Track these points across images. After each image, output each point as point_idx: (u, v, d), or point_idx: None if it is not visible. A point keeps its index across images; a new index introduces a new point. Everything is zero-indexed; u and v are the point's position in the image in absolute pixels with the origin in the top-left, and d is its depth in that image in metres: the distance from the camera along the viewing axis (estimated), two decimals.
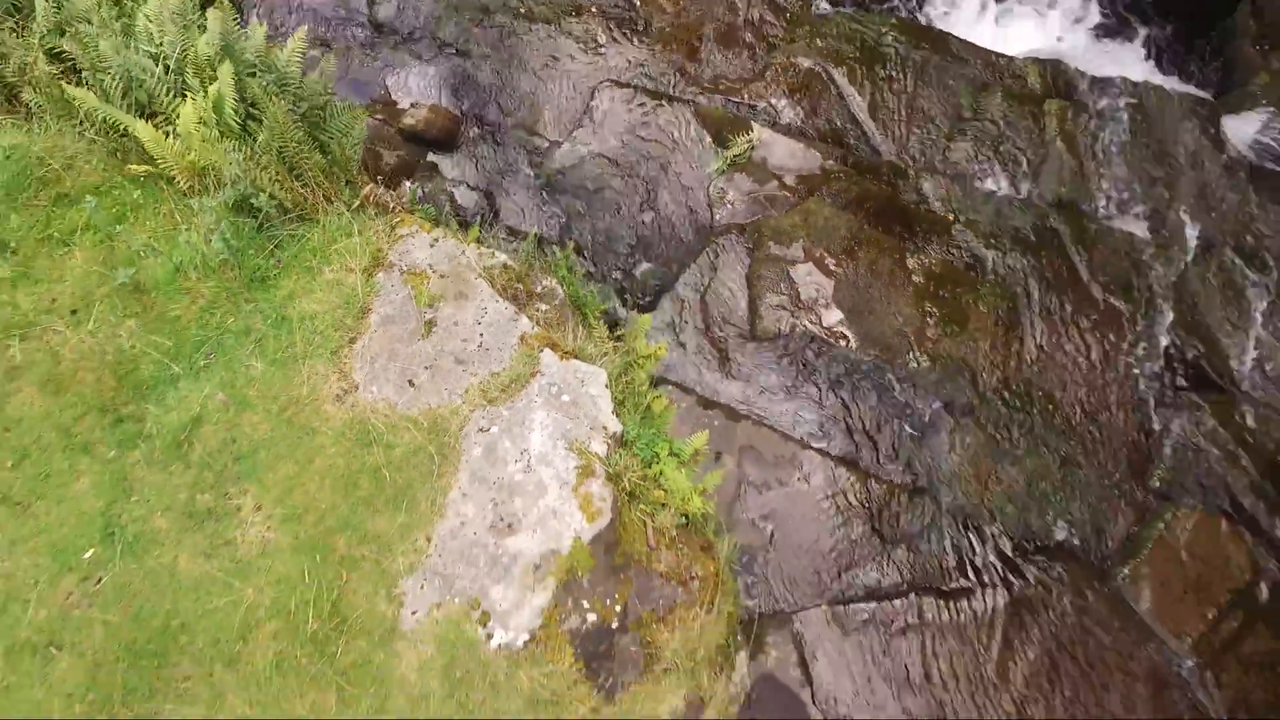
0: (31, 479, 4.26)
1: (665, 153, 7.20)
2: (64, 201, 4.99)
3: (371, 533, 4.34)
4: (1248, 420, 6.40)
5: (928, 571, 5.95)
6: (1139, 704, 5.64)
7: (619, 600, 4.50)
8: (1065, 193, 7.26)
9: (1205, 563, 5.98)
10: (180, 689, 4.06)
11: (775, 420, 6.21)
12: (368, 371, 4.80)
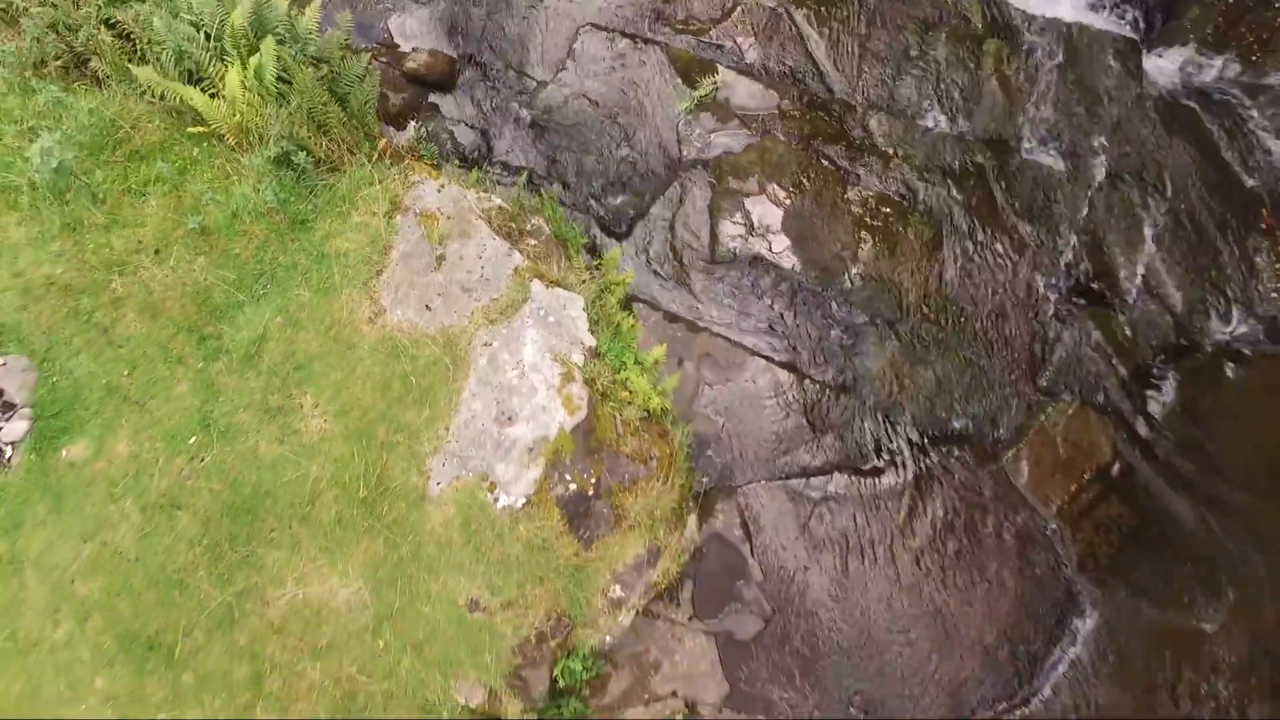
0: (143, 384, 5.69)
1: (640, 94, 8.28)
2: (136, 158, 6.20)
3: (403, 423, 5.81)
4: (1125, 331, 7.79)
5: (850, 454, 7.48)
6: (1010, 556, 7.29)
7: (594, 474, 6.02)
8: (994, 129, 8.37)
9: (1075, 446, 7.51)
10: (268, 538, 5.63)
11: (729, 331, 7.60)
12: (393, 298, 6.15)
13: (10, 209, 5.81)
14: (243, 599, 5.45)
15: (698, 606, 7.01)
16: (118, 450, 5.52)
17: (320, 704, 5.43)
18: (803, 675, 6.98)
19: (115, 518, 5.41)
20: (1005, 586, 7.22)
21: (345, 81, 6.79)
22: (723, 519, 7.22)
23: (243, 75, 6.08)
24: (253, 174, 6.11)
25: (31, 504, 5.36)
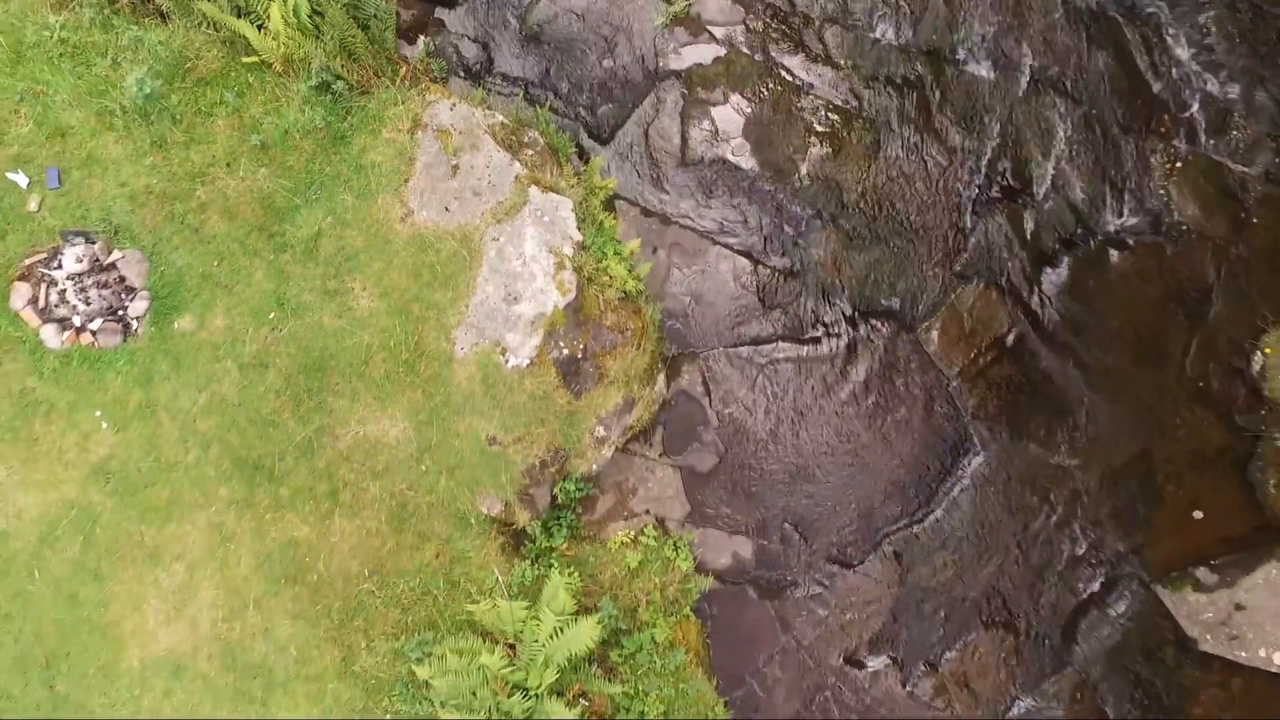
0: (229, 271, 7.52)
1: (621, 8, 9.61)
2: (202, 84, 7.75)
3: (433, 302, 7.67)
4: (1031, 223, 9.52)
5: (793, 327, 9.40)
6: (918, 407, 9.34)
7: (581, 342, 7.95)
8: (935, 40, 9.76)
9: (978, 320, 9.41)
10: (334, 389, 7.62)
11: (695, 224, 9.34)
12: (419, 201, 7.87)
13: (108, 129, 7.43)
14: (319, 434, 7.50)
15: (666, 446, 9.15)
16: (216, 323, 7.42)
17: (381, 511, 7.60)
18: (747, 499, 9.21)
19: (219, 374, 7.38)
20: (912, 431, 9.33)
21: (366, 8, 8.19)
22: (687, 378, 9.23)
23: (283, 10, 7.52)
24: (298, 98, 7.68)
25: (156, 364, 7.31)
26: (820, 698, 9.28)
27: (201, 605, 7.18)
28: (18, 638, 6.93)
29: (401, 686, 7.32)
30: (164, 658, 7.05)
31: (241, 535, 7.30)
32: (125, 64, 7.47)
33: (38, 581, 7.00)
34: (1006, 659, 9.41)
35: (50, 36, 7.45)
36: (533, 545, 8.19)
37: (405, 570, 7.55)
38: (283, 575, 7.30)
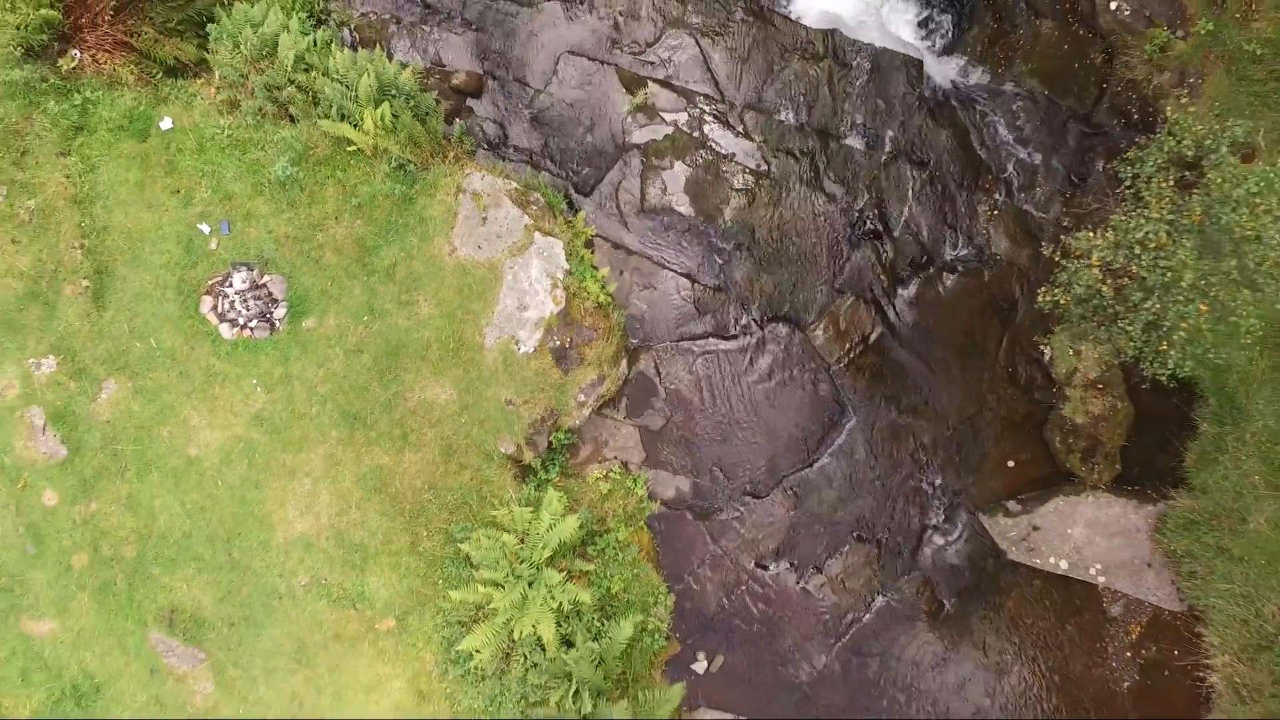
0: (337, 289, 12.28)
1: (599, 99, 14.42)
2: (319, 164, 12.52)
3: (471, 310, 12.44)
4: (889, 254, 14.31)
5: (720, 327, 14.17)
6: (807, 385, 14.11)
7: (568, 336, 12.72)
8: (823, 122, 14.57)
9: (851, 323, 14.20)
10: (405, 367, 12.39)
11: (650, 254, 14.12)
12: (460, 242, 12.64)
13: (259, 195, 12.20)
14: (394, 396, 12.25)
15: (628, 410, 13.92)
16: (329, 323, 12.18)
17: (435, 448, 12.33)
18: (686, 449, 13.97)
19: (331, 356, 12.13)
20: (804, 402, 14.12)
21: (423, 108, 12.98)
22: (644, 363, 14.02)
23: (373, 116, 12.29)
24: (382, 174, 12.44)
25: (291, 349, 12.06)
26: (737, 590, 14.06)
27: (321, 506, 11.92)
28: (209, 523, 11.67)
29: (450, 561, 12.05)
30: (299, 538, 11.79)
31: (346, 461, 12.04)
32: (271, 151, 12.22)
33: (220, 488, 11.73)
34: (871, 565, 14.19)
35: (222, 133, 12.20)
36: (535, 476, 12.95)
37: (451, 487, 12.30)
38: (372, 488, 12.04)
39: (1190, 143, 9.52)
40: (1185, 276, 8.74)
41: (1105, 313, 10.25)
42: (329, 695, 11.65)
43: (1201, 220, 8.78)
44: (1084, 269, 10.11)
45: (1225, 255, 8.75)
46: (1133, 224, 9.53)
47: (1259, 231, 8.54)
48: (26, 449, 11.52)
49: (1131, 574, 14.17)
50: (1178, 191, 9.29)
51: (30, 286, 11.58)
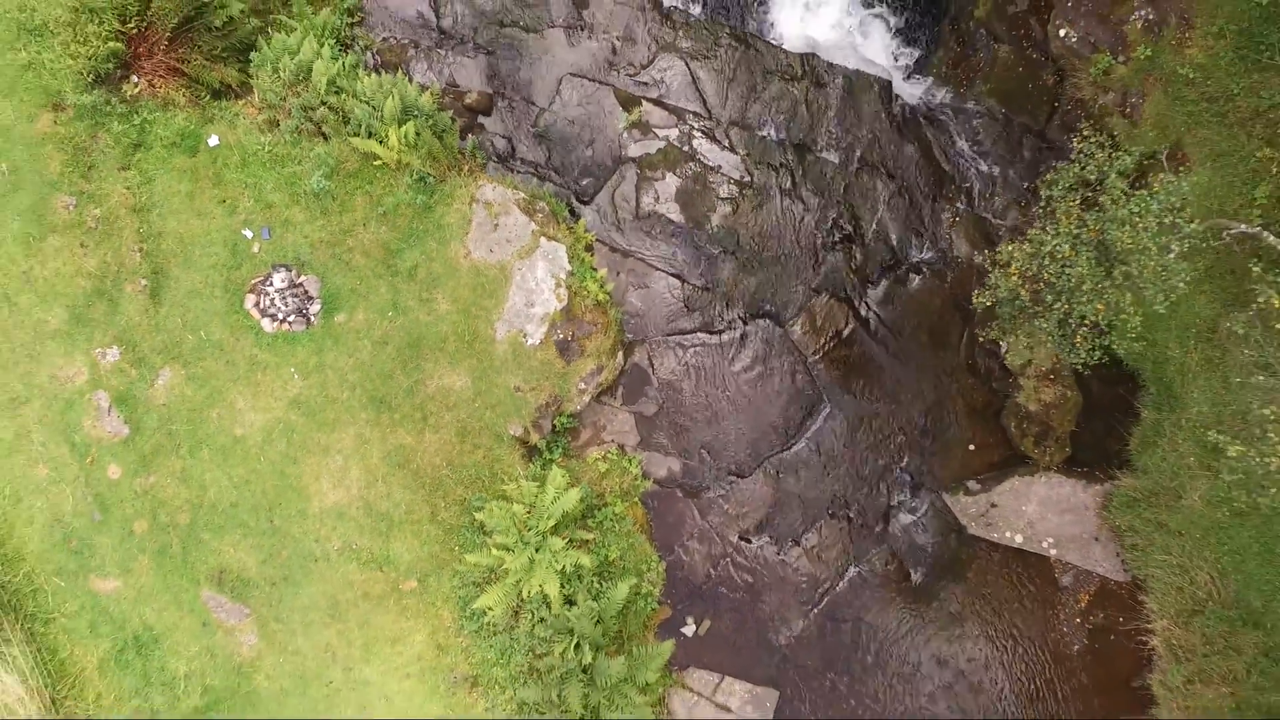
0: (365, 288, 14.16)
1: (598, 116, 16.30)
2: (349, 176, 14.39)
3: (484, 306, 14.33)
4: (860, 257, 16.19)
5: (707, 323, 16.05)
6: (786, 376, 15.98)
7: (570, 331, 14.60)
8: (801, 137, 16.46)
9: (826, 319, 16.07)
10: (426, 357, 14.28)
11: (644, 256, 16.00)
12: (474, 246, 14.53)
13: (296, 204, 14.07)
14: (416, 383, 14.12)
15: (624, 398, 15.78)
16: (358, 318, 14.05)
17: (452, 429, 14.18)
18: (676, 433, 15.84)
19: (360, 347, 14.00)
20: (783, 391, 15.98)
21: (440, 126, 14.86)
22: (638, 355, 15.89)
23: (397, 134, 14.16)
24: (405, 185, 14.31)
25: (325, 341, 13.93)
26: (723, 561, 15.90)
27: (352, 479, 13.77)
28: (253, 494, 13.53)
29: (465, 529, 13.91)
30: (332, 507, 13.65)
31: (373, 440, 13.90)
32: (306, 165, 14.10)
33: (262, 463, 13.59)
34: (844, 539, 16.03)
35: (263, 149, 14.08)
36: (541, 455, 14.81)
37: (466, 464, 14.16)
38: (397, 464, 13.90)
39: (1093, 168, 11.37)
40: (1085, 283, 10.60)
41: (1026, 312, 12.11)
42: (358, 646, 13.50)
43: (1097, 235, 10.61)
44: (1006, 276, 11.99)
45: (1115, 265, 10.60)
46: (1044, 238, 11.39)
47: (1139, 245, 10.39)
48: (94, 428, 13.38)
49: (1080, 547, 16.03)
50: (1083, 209, 11.14)
51: (96, 285, 13.45)
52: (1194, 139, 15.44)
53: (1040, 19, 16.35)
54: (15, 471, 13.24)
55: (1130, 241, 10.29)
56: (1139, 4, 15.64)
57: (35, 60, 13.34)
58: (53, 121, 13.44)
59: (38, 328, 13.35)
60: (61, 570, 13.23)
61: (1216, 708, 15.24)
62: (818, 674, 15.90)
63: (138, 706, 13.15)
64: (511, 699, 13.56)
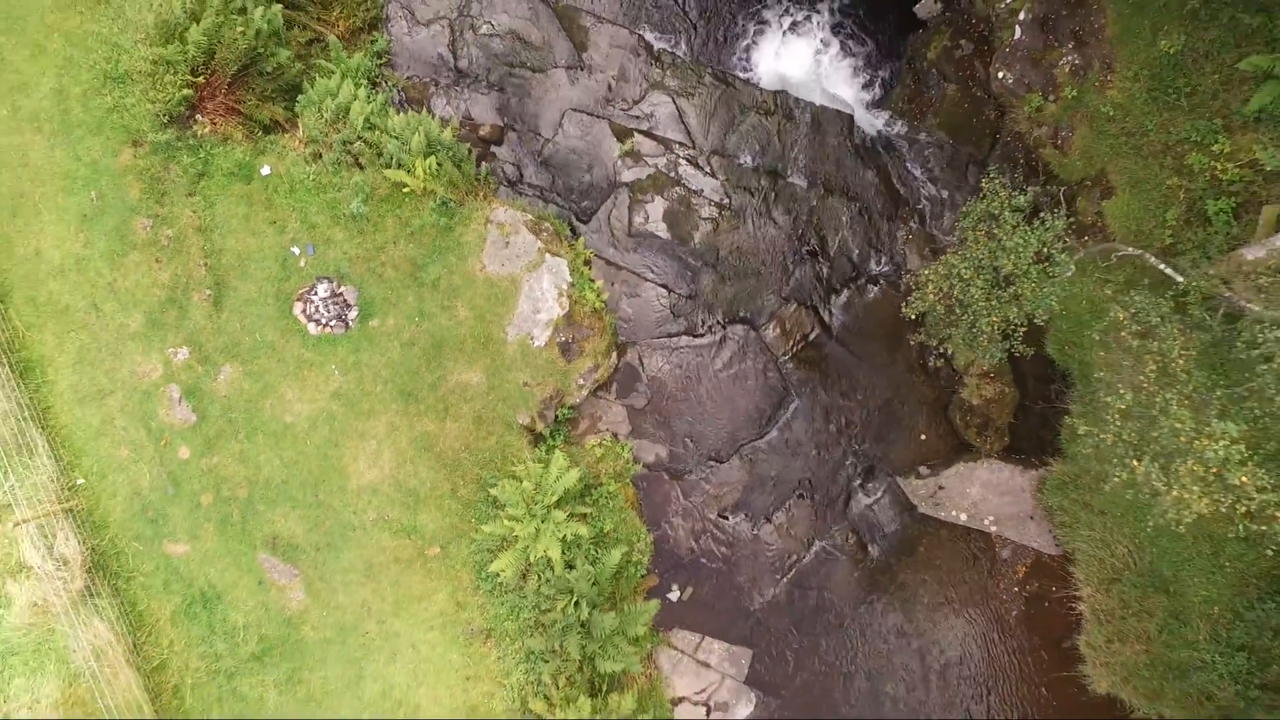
0: (395, 297, 17.08)
1: (595, 146, 19.21)
2: (381, 200, 17.30)
3: (496, 313, 17.25)
4: (825, 270, 19.09)
5: (690, 327, 18.95)
6: (759, 374, 18.89)
7: (571, 334, 17.51)
8: (773, 164, 19.36)
9: (794, 325, 18.98)
10: (447, 356, 17.21)
11: (635, 269, 18.92)
12: (489, 261, 17.45)
13: (336, 225, 16.97)
14: (438, 379, 17.02)
15: (618, 392, 18.68)
16: (389, 323, 16.95)
17: (469, 419, 17.07)
18: (664, 423, 18.74)
19: (390, 348, 16.91)
20: (757, 387, 18.88)
21: (459, 157, 17.76)
22: (630, 355, 18.79)
23: (424, 166, 17.06)
24: (429, 208, 17.21)
25: (361, 343, 16.82)
26: (703, 536, 18.78)
27: (384, 461, 16.65)
28: (300, 473, 16.41)
29: (481, 503, 16.78)
30: (367, 484, 16.53)
31: (402, 427, 16.78)
32: (345, 192, 16.99)
33: (308, 446, 16.48)
34: (810, 517, 18.91)
35: (308, 178, 16.98)
36: (545, 441, 17.69)
37: (481, 448, 17.04)
38: (422, 447, 16.78)
39: (996, 204, 14.23)
40: (981, 301, 13.50)
41: (944, 321, 14.98)
42: (390, 603, 16.36)
43: (991, 260, 13.48)
44: (924, 294, 14.89)
45: (1004, 285, 13.47)
46: (954, 261, 14.27)
47: (1020, 269, 13.25)
48: (167, 416, 16.26)
49: (1017, 525, 18.92)
50: (987, 239, 13.98)
51: (169, 294, 16.34)
52: (1116, 168, 18.38)
53: (983, 62, 19.27)
54: (101, 452, 16.12)
55: (1014, 267, 13.14)
56: (1067, 51, 18.56)
57: (119, 104, 16.25)
58: (133, 155, 16.34)
59: (120, 331, 16.24)
60: (140, 536, 16.09)
61: (1133, 663, 18.14)
62: (787, 634, 18.77)
63: (203, 651, 16.01)
64: (520, 648, 16.42)
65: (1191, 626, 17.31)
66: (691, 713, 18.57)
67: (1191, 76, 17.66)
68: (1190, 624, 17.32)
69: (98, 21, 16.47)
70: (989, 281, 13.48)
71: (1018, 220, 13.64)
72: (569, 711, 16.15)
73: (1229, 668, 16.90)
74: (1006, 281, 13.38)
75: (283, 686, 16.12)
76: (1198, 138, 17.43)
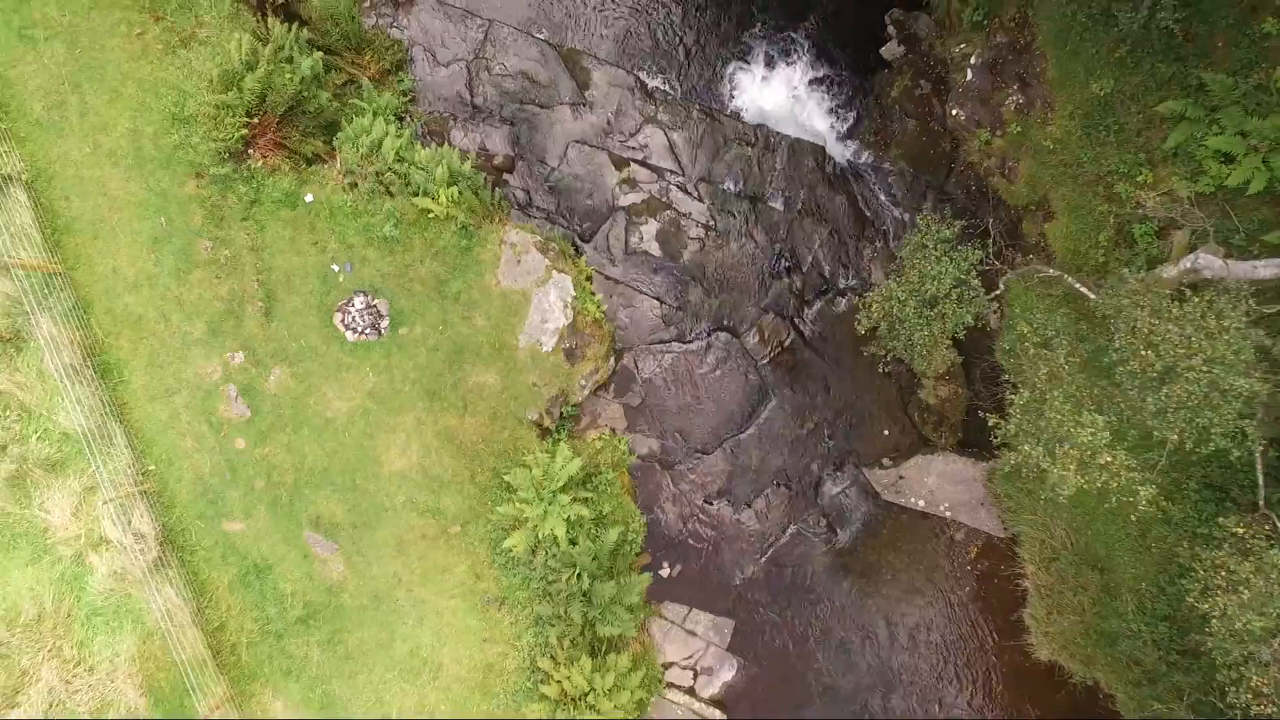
0: (421, 308, 20.22)
1: (596, 174, 22.35)
2: (409, 224, 20.41)
3: (509, 323, 20.39)
4: (800, 284, 22.21)
5: (680, 335, 22.10)
6: (740, 375, 21.99)
7: (574, 341, 20.65)
8: (753, 190, 22.50)
9: (772, 333, 22.12)
10: (467, 360, 20.36)
11: (631, 284, 22.05)
12: (503, 277, 20.60)
13: (370, 246, 20.10)
14: (459, 379, 20.16)
15: (615, 392, 21.82)
16: (416, 330, 20.07)
17: (485, 415, 20.19)
18: (655, 419, 21.90)
19: (418, 353, 20.04)
20: (738, 388, 22.02)
21: (476, 185, 20.88)
22: (627, 359, 21.93)
23: (448, 194, 20.17)
24: (451, 231, 20.34)
25: (391, 348, 19.95)
26: (691, 520, 21.90)
27: (412, 451, 19.76)
28: (340, 461, 19.51)
29: (496, 488, 19.86)
30: (398, 471, 19.64)
31: (427, 422, 19.89)
32: (378, 217, 20.10)
33: (346, 438, 19.60)
34: (785, 503, 22.02)
35: (345, 204, 20.10)
36: (551, 435, 20.79)
37: (496, 441, 20.15)
38: (445, 440, 19.88)
39: (928, 237, 17.32)
40: (914, 319, 16.63)
41: (887, 336, 18.12)
42: (417, 574, 19.44)
43: (920, 285, 16.60)
44: (868, 314, 18.04)
45: (931, 306, 16.60)
46: (892, 286, 17.41)
47: (942, 292, 16.38)
48: (226, 411, 19.36)
49: (970, 510, 22.01)
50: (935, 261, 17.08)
51: (227, 306, 19.45)
52: (1056, 195, 21.52)
53: (940, 100, 22.39)
54: (169, 443, 19.22)
55: (937, 290, 16.24)
56: (1012, 92, 21.69)
57: (184, 142, 19.39)
58: (196, 186, 19.47)
59: (185, 338, 19.36)
60: (202, 515, 19.19)
61: (1070, 633, 21.22)
62: (765, 607, 21.86)
63: (256, 615, 19.10)
64: (530, 614, 19.52)
65: (1121, 600, 20.40)
66: (680, 676, 21.67)
67: (1119, 116, 20.78)
68: (1120, 597, 20.42)
69: (166, 70, 19.60)
70: (920, 302, 16.57)
71: (942, 251, 16.74)
72: (572, 670, 19.21)
73: (1153, 636, 19.97)
74: (933, 302, 16.46)
75: (325, 646, 19.20)
76: (1125, 169, 20.56)
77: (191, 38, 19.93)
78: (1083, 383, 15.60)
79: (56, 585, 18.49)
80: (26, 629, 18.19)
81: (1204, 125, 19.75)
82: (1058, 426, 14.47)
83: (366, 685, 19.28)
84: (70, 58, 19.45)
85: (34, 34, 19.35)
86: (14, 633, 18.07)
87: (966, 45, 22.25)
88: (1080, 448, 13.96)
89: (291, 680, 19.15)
